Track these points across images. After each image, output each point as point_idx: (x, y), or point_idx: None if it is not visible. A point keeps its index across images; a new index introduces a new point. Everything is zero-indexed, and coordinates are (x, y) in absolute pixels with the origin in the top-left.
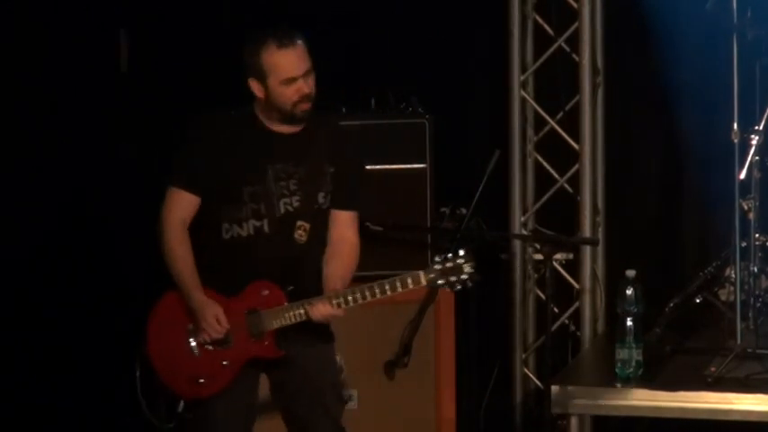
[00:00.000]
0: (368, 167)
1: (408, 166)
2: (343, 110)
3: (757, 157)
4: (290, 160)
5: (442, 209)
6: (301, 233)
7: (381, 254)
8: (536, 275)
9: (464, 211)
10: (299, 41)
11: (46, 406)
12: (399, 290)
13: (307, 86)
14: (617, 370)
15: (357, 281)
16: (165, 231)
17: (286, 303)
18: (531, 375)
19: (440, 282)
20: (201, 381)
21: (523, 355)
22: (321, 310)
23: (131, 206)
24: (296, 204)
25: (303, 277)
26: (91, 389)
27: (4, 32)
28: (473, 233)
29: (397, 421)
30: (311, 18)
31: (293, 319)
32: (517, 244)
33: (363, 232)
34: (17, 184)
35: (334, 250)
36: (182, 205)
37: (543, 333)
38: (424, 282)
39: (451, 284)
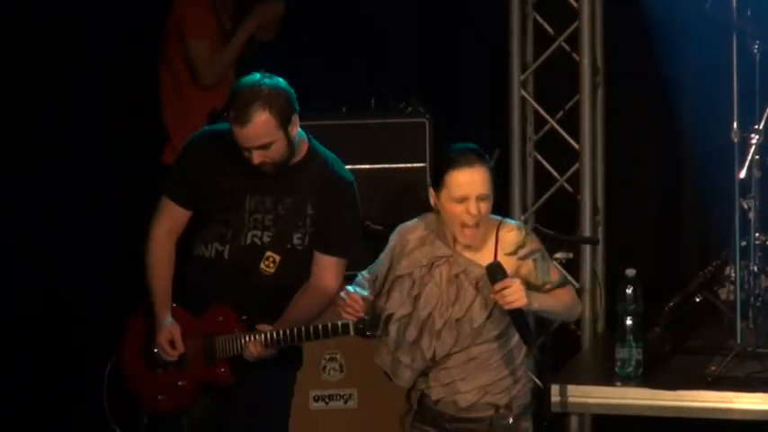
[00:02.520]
0: (368, 167)
1: (408, 165)
2: (344, 109)
3: (757, 157)
4: (269, 195)
5: None
6: (269, 264)
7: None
8: None
9: None
10: (259, 118)
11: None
12: (330, 336)
13: (256, 158)
14: (617, 369)
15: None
16: (149, 240)
17: (237, 332)
18: (530, 375)
19: (367, 333)
20: (160, 398)
21: None
22: (251, 348)
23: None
24: (266, 240)
25: (265, 309)
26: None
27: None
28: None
29: (396, 421)
30: (312, 17)
31: (235, 351)
32: None
33: (363, 232)
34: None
35: (306, 288)
36: (170, 215)
37: (543, 332)
38: (352, 332)
39: (375, 336)
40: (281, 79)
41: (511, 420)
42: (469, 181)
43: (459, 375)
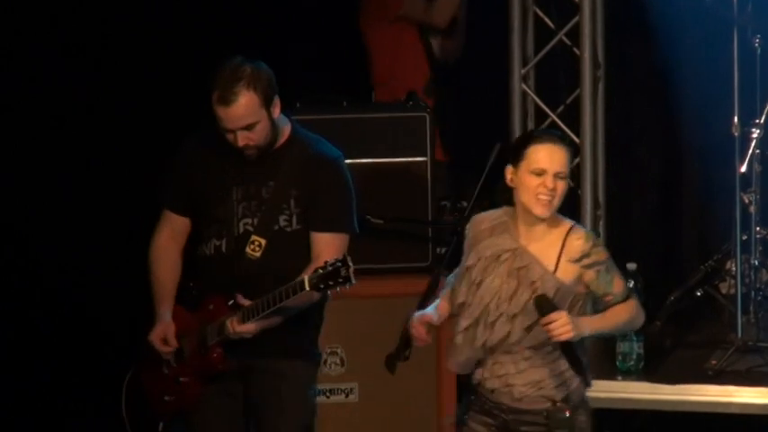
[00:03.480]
0: (369, 161)
1: (409, 159)
2: (344, 103)
3: (758, 151)
4: (253, 182)
5: (443, 202)
6: (255, 248)
7: (382, 247)
8: None
9: (465, 204)
10: (243, 98)
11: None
12: (291, 296)
13: (242, 139)
14: (618, 363)
15: (360, 273)
16: (150, 248)
17: (225, 317)
18: None
19: (321, 285)
20: (167, 398)
21: None
22: (230, 326)
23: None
24: (255, 225)
25: (255, 293)
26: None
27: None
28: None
29: (398, 414)
30: (312, 10)
31: (224, 333)
32: None
33: (364, 226)
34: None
35: (306, 269)
36: (168, 225)
37: None
38: (307, 287)
39: (331, 287)
40: (261, 62)
41: (567, 414)
42: (549, 156)
43: (512, 369)
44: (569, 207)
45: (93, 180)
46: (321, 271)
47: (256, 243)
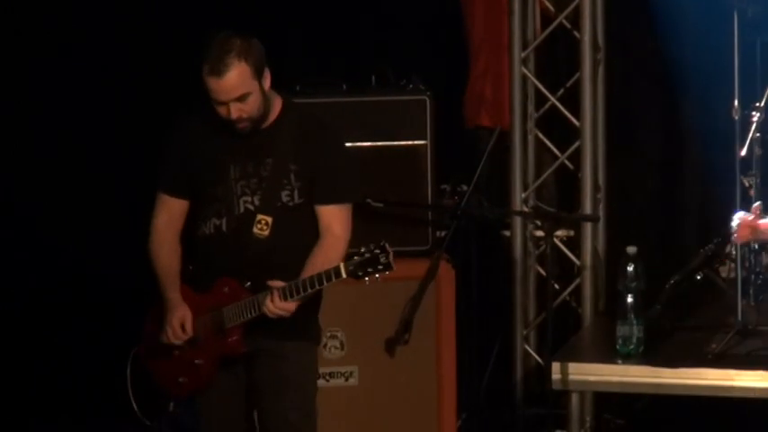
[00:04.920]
0: (368, 144)
1: (409, 142)
2: (344, 87)
3: (758, 134)
4: (251, 159)
5: (443, 186)
6: (262, 227)
7: (382, 231)
8: (537, 252)
9: (465, 188)
10: (235, 69)
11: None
12: (325, 283)
13: (235, 111)
14: (618, 347)
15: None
16: (150, 234)
17: (243, 299)
18: (531, 352)
19: (359, 273)
20: (181, 380)
21: (524, 332)
22: (269, 304)
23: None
24: (257, 203)
25: (267, 272)
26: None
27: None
28: (473, 210)
29: (397, 398)
30: None
31: (250, 315)
32: (518, 221)
33: (364, 209)
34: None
35: (318, 243)
36: (166, 208)
37: (544, 310)
38: (344, 274)
39: (369, 274)
40: (250, 36)
41: None
42: None
43: None
44: (570, 191)
45: (96, 164)
46: (358, 258)
47: (263, 222)
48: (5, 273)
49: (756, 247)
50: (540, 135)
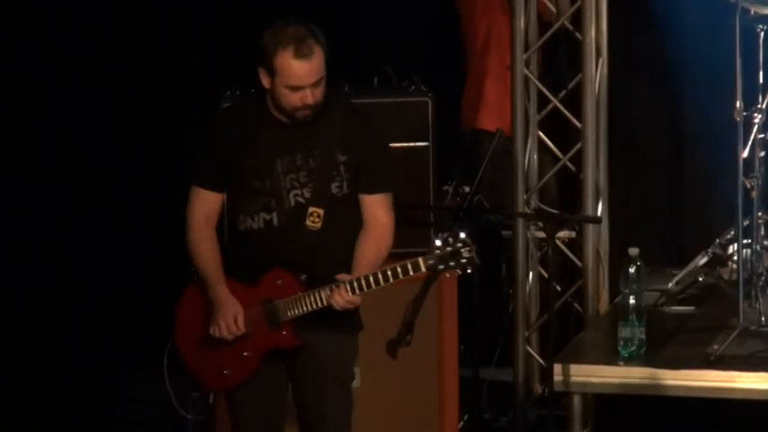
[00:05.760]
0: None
1: (411, 144)
2: (346, 88)
3: (761, 136)
4: (298, 152)
5: (445, 187)
6: (314, 219)
7: None
8: (539, 254)
9: (467, 189)
10: (317, 52)
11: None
12: (401, 276)
13: (312, 96)
14: (619, 348)
15: None
16: (188, 230)
17: (300, 292)
18: (533, 353)
19: (440, 267)
20: (226, 372)
21: (526, 334)
22: (337, 297)
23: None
24: (307, 195)
25: (320, 264)
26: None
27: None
28: (475, 212)
29: (399, 399)
30: None
31: (310, 307)
32: (520, 222)
33: None
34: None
35: (365, 233)
36: (203, 203)
37: (546, 311)
38: (423, 268)
39: (451, 269)
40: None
41: None
42: None
43: None
44: (571, 192)
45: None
46: (439, 251)
47: (315, 214)
48: (5, 273)
49: (759, 248)
50: (542, 136)
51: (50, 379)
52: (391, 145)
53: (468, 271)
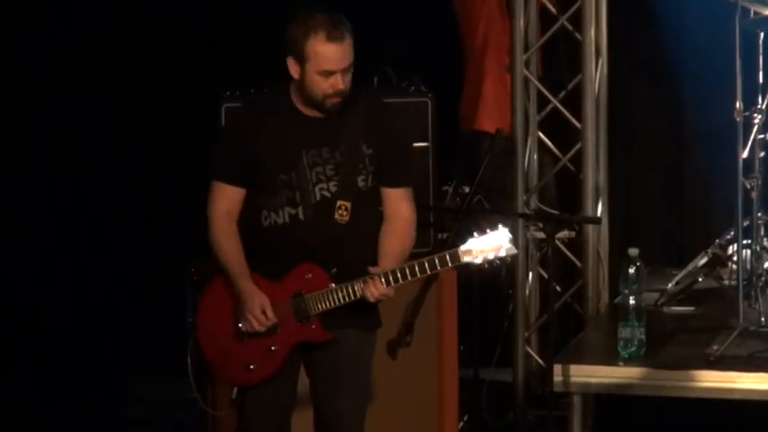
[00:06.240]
0: None
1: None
2: None
3: (761, 136)
4: (324, 145)
5: (445, 187)
6: (342, 212)
7: None
8: (538, 254)
9: (467, 189)
10: (348, 37)
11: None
12: (439, 268)
13: (343, 82)
14: (619, 349)
15: None
16: (211, 224)
17: (332, 285)
18: (533, 354)
19: (477, 260)
20: (252, 367)
21: (526, 334)
22: (372, 289)
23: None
24: (333, 189)
25: (348, 257)
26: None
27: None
28: (475, 212)
29: (399, 400)
30: None
31: (341, 301)
32: (520, 223)
33: None
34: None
35: (388, 226)
36: (224, 197)
37: (545, 311)
38: (462, 260)
39: (490, 261)
40: None
41: None
42: None
43: None
44: (571, 192)
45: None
46: (478, 244)
47: (343, 208)
48: (6, 273)
49: (758, 248)
50: (542, 137)
51: (50, 379)
52: None
53: (508, 260)
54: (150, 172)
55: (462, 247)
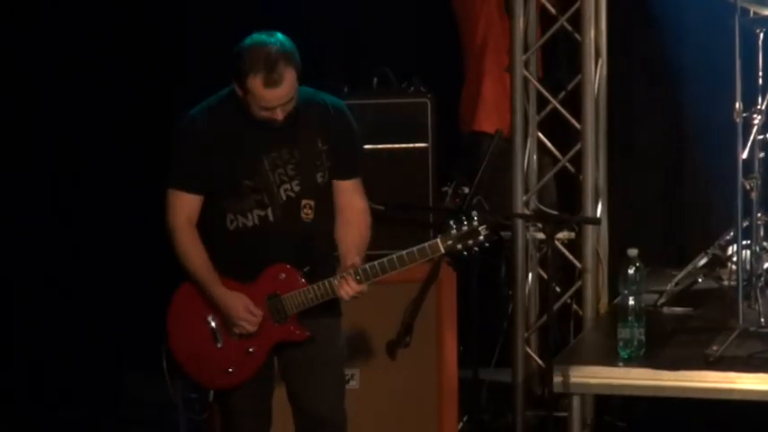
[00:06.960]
0: (370, 146)
1: (410, 145)
2: (345, 89)
3: (760, 137)
4: (283, 147)
5: (444, 188)
6: (307, 211)
7: (383, 233)
8: (538, 255)
9: (466, 190)
10: (288, 76)
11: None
12: (418, 260)
13: (282, 113)
14: (619, 349)
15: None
16: (174, 234)
17: (306, 285)
18: (532, 355)
19: (458, 246)
20: (230, 370)
21: (525, 335)
22: (347, 288)
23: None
24: (296, 189)
25: (316, 255)
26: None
27: None
28: (474, 212)
29: (398, 401)
30: None
31: (317, 300)
32: (519, 223)
33: None
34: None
35: (344, 219)
36: (184, 206)
37: (545, 312)
38: (442, 249)
39: (468, 248)
40: (277, 33)
41: None
42: None
43: None
44: (571, 193)
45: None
46: (455, 231)
47: (308, 207)
48: (5, 273)
49: (758, 249)
50: (542, 137)
51: (50, 379)
52: (391, 146)
53: (486, 245)
54: (150, 172)
55: (442, 238)
